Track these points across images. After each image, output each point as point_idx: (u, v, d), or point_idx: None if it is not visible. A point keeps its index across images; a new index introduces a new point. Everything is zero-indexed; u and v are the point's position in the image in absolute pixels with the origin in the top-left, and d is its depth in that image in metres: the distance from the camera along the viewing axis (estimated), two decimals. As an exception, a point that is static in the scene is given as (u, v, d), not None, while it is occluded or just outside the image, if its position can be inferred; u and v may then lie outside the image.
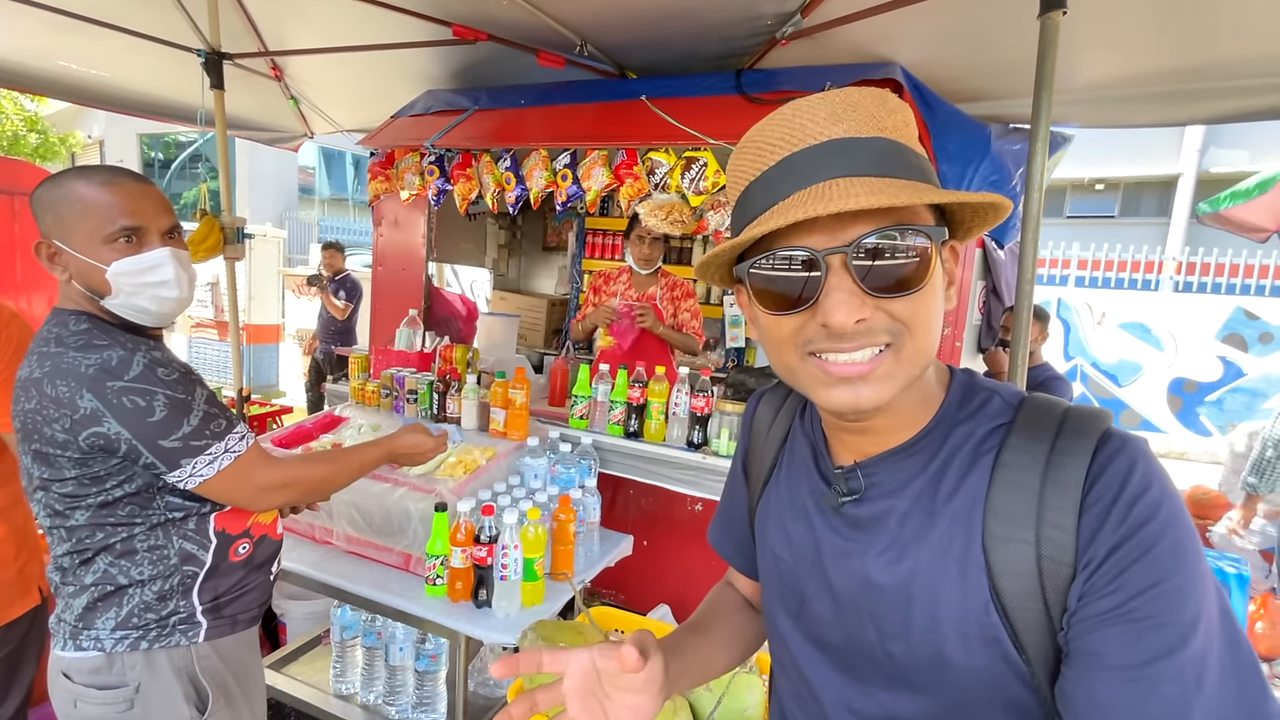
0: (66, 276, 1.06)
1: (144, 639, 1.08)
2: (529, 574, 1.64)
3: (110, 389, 0.98)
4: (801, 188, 0.52)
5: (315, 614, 2.34)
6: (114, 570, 1.07)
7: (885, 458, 0.60)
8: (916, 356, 0.54)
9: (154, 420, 1.00)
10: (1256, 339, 6.89)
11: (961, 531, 0.55)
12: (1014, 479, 0.54)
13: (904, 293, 0.52)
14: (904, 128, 0.55)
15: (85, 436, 0.99)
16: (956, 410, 0.60)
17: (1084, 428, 0.53)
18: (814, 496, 0.66)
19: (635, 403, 2.20)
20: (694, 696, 1.37)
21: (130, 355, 1.02)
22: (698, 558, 2.52)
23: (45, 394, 0.98)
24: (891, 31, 2.04)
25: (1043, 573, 0.51)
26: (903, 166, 0.53)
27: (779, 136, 0.55)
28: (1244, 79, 2.06)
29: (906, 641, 0.58)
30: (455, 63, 2.73)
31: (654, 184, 2.25)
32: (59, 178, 1.06)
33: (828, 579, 0.64)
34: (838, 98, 0.54)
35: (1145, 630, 0.46)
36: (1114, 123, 2.51)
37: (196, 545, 1.13)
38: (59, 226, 1.04)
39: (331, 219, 15.74)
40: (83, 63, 2.95)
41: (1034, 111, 1.39)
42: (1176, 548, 0.48)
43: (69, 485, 1.03)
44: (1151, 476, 0.50)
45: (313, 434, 2.13)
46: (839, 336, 0.52)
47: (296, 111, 3.48)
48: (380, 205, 2.96)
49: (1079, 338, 7.34)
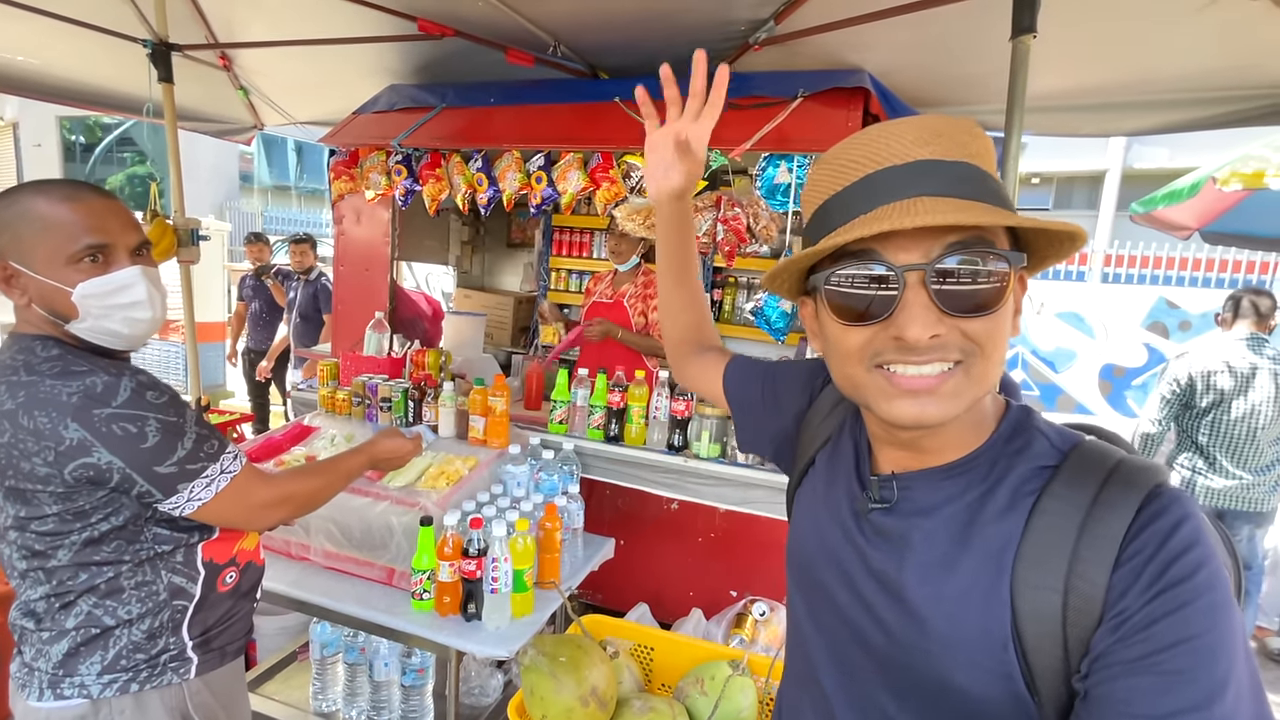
0: (26, 300, 0.99)
1: (134, 680, 1.03)
2: (519, 585, 1.63)
3: (98, 417, 0.93)
4: (886, 203, 0.53)
5: (287, 629, 2.27)
6: (99, 611, 1.01)
7: (924, 475, 0.61)
8: (984, 378, 0.55)
9: (147, 447, 0.95)
10: (1177, 326, 7.40)
11: (990, 569, 0.55)
12: (1050, 525, 0.53)
13: (979, 314, 0.52)
14: (986, 154, 0.56)
15: (72, 469, 0.93)
16: (1005, 444, 0.59)
17: (1132, 482, 0.53)
18: (848, 497, 0.67)
19: (615, 407, 2.21)
20: (690, 701, 1.40)
21: (116, 380, 0.96)
22: (675, 556, 2.56)
23: (21, 426, 0.91)
24: (861, 40, 2.09)
25: (1067, 621, 0.51)
26: (986, 191, 0.53)
27: (863, 155, 0.56)
28: (1179, 93, 2.22)
29: (914, 656, 0.58)
30: (419, 57, 2.65)
31: (630, 187, 2.25)
32: (12, 194, 0.98)
33: (846, 578, 0.65)
34: (925, 124, 0.55)
35: (1173, 684, 0.46)
36: (1062, 131, 2.64)
37: (185, 578, 1.08)
38: (16, 246, 0.96)
39: (275, 209, 15.02)
40: (6, 48, 2.73)
41: (1006, 129, 1.45)
42: (1213, 607, 0.47)
43: (49, 523, 0.96)
44: (1195, 535, 0.49)
45: (283, 446, 2.06)
46: (911, 350, 0.53)
47: (246, 102, 3.32)
48: (342, 203, 2.86)
49: (1021, 326, 7.71)
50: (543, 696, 1.25)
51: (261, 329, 5.04)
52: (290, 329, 4.75)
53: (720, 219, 2.16)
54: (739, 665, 1.44)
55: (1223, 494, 2.79)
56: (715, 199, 2.20)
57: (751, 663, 1.48)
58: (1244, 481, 2.75)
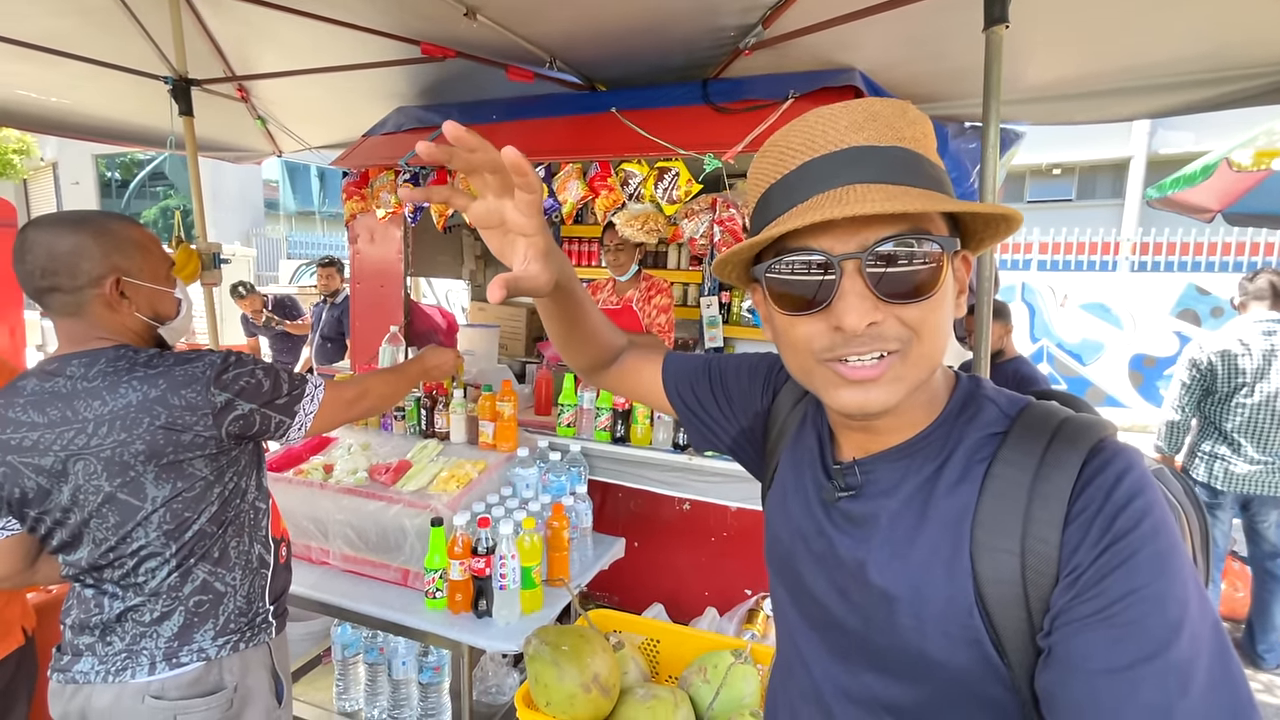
0: (132, 309, 1.15)
1: (241, 640, 1.20)
2: (527, 582, 1.68)
3: (226, 380, 1.13)
4: (820, 191, 0.54)
5: (313, 634, 2.35)
6: (212, 579, 1.17)
7: (883, 457, 0.63)
8: (923, 361, 0.56)
9: (266, 390, 1.18)
10: (1209, 313, 7.20)
11: (950, 538, 0.56)
12: (1002, 490, 0.55)
13: (915, 299, 0.53)
14: (923, 138, 0.56)
15: (228, 424, 1.13)
16: (956, 416, 0.61)
17: (1076, 439, 0.54)
18: (815, 486, 0.69)
19: (621, 408, 2.25)
20: (693, 690, 1.43)
21: (213, 356, 1.15)
22: (688, 556, 2.58)
23: (174, 405, 1.07)
24: (850, 40, 2.13)
25: (1027, 581, 0.52)
26: (920, 175, 0.54)
27: (800, 142, 0.56)
28: (1172, 77, 2.20)
29: (891, 636, 0.60)
30: (425, 80, 2.75)
31: (628, 194, 2.31)
32: (100, 221, 1.13)
33: (821, 566, 0.67)
34: (859, 107, 0.55)
35: (1127, 635, 0.47)
36: (1058, 120, 2.63)
37: (264, 548, 1.27)
38: (127, 265, 1.13)
39: (300, 233, 15.47)
40: (41, 90, 2.91)
41: (984, 119, 1.48)
42: (1157, 556, 0.48)
43: (197, 487, 1.13)
44: (1138, 487, 0.50)
45: (302, 456, 2.15)
46: (850, 339, 0.54)
47: (264, 131, 3.46)
48: (355, 222, 2.97)
49: (1044, 320, 7.58)
50: (546, 684, 1.29)
51: (281, 355, 5.19)
52: (313, 351, 4.87)
53: (716, 220, 2.21)
54: (742, 654, 1.47)
55: (1249, 479, 2.72)
56: (711, 201, 2.24)
57: (755, 651, 1.50)
58: (1271, 465, 2.68)
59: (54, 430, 1.04)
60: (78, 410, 1.04)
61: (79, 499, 1.06)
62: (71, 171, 13.80)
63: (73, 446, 1.04)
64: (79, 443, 1.04)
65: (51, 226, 1.08)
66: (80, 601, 1.14)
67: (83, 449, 1.04)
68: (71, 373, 1.07)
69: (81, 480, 1.05)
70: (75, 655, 1.13)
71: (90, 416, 1.04)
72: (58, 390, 1.06)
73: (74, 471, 1.05)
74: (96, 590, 1.13)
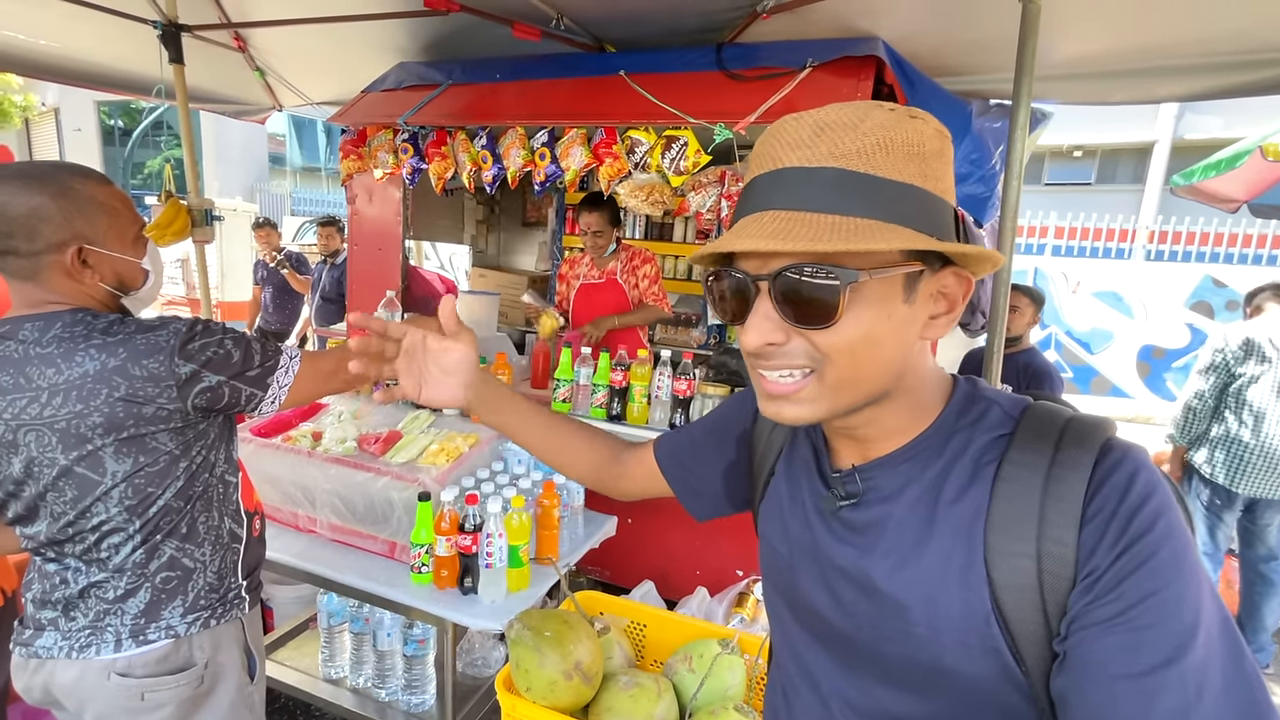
0: (96, 278, 1.06)
1: (212, 617, 1.16)
2: (514, 560, 1.65)
3: (192, 350, 1.05)
4: (751, 212, 0.55)
5: (302, 598, 2.35)
6: (180, 555, 1.12)
7: (882, 462, 0.61)
8: (843, 385, 0.55)
9: (236, 360, 1.10)
10: (1223, 306, 7.06)
11: (963, 543, 0.55)
12: (1014, 492, 0.54)
13: (818, 326, 0.53)
14: (880, 149, 0.51)
15: (193, 397, 1.06)
16: (956, 419, 0.60)
17: (1084, 439, 0.53)
18: (813, 497, 0.67)
19: (618, 386, 2.21)
20: (677, 678, 1.40)
21: (179, 323, 1.08)
22: (680, 533, 2.56)
23: (135, 376, 1.01)
24: (874, 6, 2.01)
25: (1043, 586, 0.52)
26: (848, 196, 0.51)
27: (765, 150, 0.56)
28: (1215, 56, 2.08)
29: (904, 646, 0.58)
30: (427, 34, 2.64)
31: (634, 163, 2.22)
32: (64, 180, 1.02)
33: (824, 578, 0.65)
34: (809, 121, 0.54)
35: (1145, 640, 0.47)
36: (1092, 99, 2.51)
37: (234, 522, 1.22)
38: (91, 230, 1.04)
39: (304, 190, 15.28)
40: (30, 32, 2.80)
41: (1014, 96, 1.38)
42: (1173, 557, 0.48)
43: (161, 462, 1.07)
44: (1151, 487, 0.50)
45: (291, 422, 2.11)
46: (756, 355, 0.56)
47: (263, 83, 3.35)
48: (353, 183, 2.88)
49: (1054, 306, 7.45)
50: (527, 670, 1.27)
51: (275, 311, 5.14)
52: (312, 311, 4.82)
53: (724, 194, 2.12)
54: (729, 644, 1.44)
55: (1260, 481, 2.67)
56: (719, 174, 2.15)
57: (742, 641, 1.47)
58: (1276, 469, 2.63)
59: (4, 398, 0.98)
60: (30, 378, 0.98)
61: (33, 471, 1.01)
62: (73, 118, 13.61)
63: (24, 416, 0.98)
64: (31, 412, 0.98)
65: (8, 181, 0.98)
66: (42, 575, 1.10)
67: (35, 419, 0.98)
68: (24, 337, 1.00)
69: (35, 452, 1.00)
70: (38, 629, 1.09)
71: (44, 385, 0.98)
72: (8, 355, 0.99)
73: (25, 443, 0.99)
74: (58, 564, 1.09)
